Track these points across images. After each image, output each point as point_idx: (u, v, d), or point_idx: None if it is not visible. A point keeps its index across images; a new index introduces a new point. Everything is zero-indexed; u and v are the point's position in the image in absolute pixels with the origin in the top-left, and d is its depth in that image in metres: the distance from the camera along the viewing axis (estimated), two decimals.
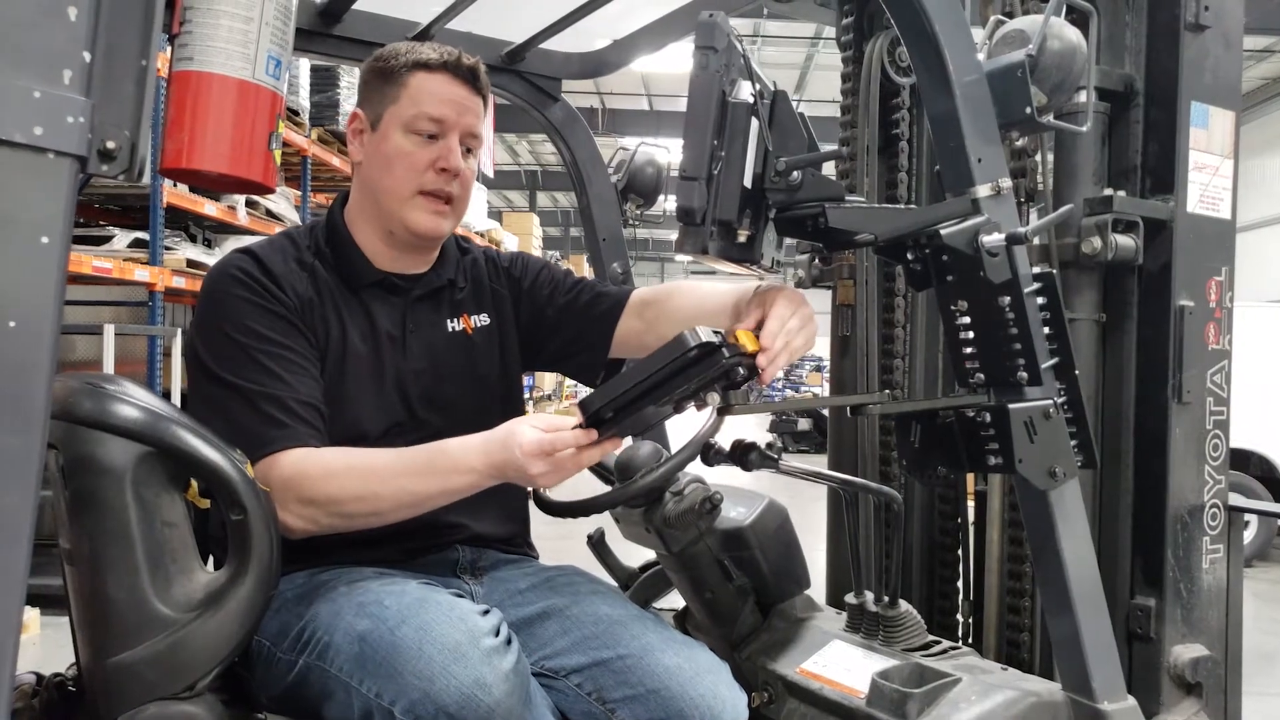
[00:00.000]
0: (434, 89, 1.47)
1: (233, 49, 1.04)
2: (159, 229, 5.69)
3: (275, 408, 1.38)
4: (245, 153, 1.11)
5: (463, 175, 1.50)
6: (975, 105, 1.36)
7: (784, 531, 1.87)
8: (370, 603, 1.30)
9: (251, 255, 1.46)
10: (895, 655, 1.66)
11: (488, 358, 1.65)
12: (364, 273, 1.54)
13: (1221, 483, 1.89)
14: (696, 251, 1.26)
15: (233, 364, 1.39)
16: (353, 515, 1.36)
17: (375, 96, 1.50)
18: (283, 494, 1.33)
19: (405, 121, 1.46)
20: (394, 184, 1.48)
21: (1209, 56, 1.82)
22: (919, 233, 1.33)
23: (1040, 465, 1.35)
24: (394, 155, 1.47)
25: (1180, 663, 1.81)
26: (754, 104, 1.25)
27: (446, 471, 1.33)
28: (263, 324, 1.41)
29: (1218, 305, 1.85)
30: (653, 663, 1.39)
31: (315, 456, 1.37)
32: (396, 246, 1.54)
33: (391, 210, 1.49)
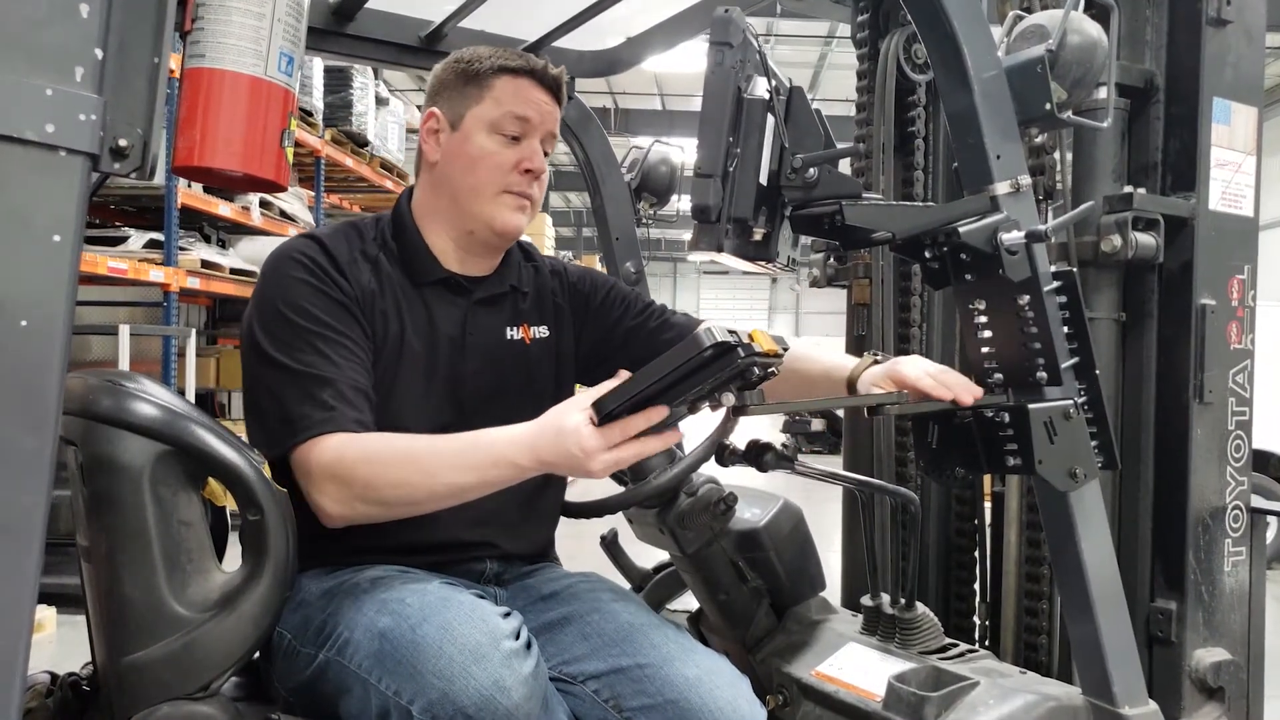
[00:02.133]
0: (519, 92, 1.47)
1: (245, 46, 1.04)
2: (174, 230, 5.71)
3: (325, 391, 1.35)
4: (258, 150, 1.10)
5: (541, 178, 1.52)
6: (994, 101, 1.34)
7: (799, 533, 1.86)
8: (392, 600, 1.29)
9: (316, 241, 1.45)
10: (912, 658, 1.64)
11: (541, 370, 1.63)
12: (429, 270, 1.52)
13: (1244, 484, 1.86)
14: (711, 249, 1.25)
15: (286, 345, 1.37)
16: (389, 503, 1.33)
17: (456, 97, 1.49)
18: (321, 478, 1.31)
19: (491, 122, 1.46)
20: (478, 183, 1.47)
21: (1231, 51, 1.80)
22: (937, 231, 1.31)
23: (1060, 467, 1.33)
24: (478, 155, 1.46)
25: (1202, 667, 1.78)
26: (770, 100, 1.23)
27: (487, 465, 1.29)
28: (320, 308, 1.39)
29: (1240, 304, 1.82)
30: (672, 673, 1.37)
31: (357, 441, 1.34)
32: (467, 246, 1.53)
33: (473, 209, 1.49)
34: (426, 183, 1.54)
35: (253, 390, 1.41)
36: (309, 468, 1.32)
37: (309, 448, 1.33)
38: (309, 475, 1.33)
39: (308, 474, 1.33)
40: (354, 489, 1.31)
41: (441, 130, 1.50)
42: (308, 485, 1.33)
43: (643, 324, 1.71)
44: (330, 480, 1.31)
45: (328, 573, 1.43)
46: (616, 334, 1.70)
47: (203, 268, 6.02)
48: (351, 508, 1.32)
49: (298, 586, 1.42)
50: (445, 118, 1.50)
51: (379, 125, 8.56)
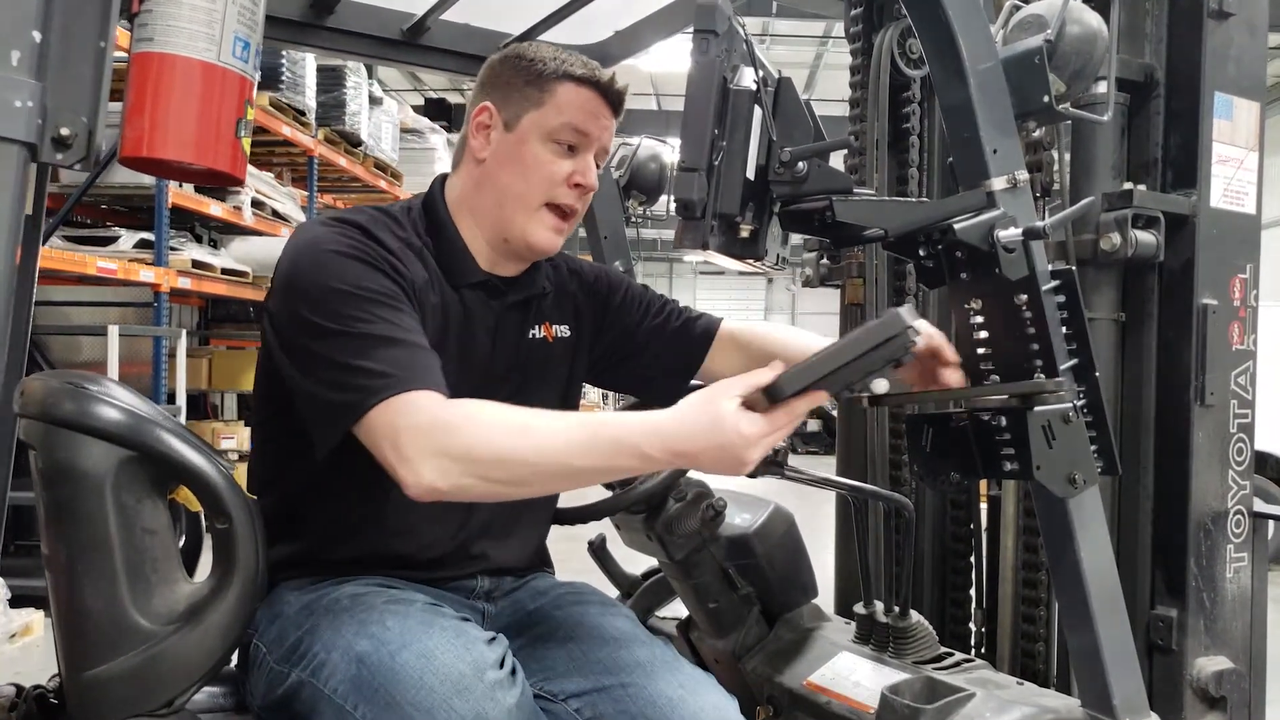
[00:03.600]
0: (582, 104, 1.40)
1: (197, 29, 0.98)
2: (164, 229, 5.66)
3: (401, 350, 1.22)
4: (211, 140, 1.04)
5: (590, 193, 1.46)
6: (991, 94, 1.30)
7: (790, 538, 1.82)
8: (372, 621, 1.23)
9: (355, 226, 1.33)
10: (906, 668, 1.60)
11: (559, 369, 1.57)
12: (469, 271, 1.44)
13: (1246, 488, 1.82)
14: (696, 247, 1.20)
15: (347, 316, 1.23)
16: (491, 478, 1.17)
17: (514, 96, 1.41)
18: (412, 440, 1.15)
19: (550, 130, 1.39)
20: (525, 191, 1.40)
21: (1233, 45, 1.76)
22: (931, 228, 1.27)
23: (1059, 472, 1.29)
24: (531, 163, 1.40)
25: (1203, 676, 1.74)
26: (757, 91, 1.19)
27: (611, 451, 1.15)
28: (378, 283, 1.28)
29: (1242, 304, 1.78)
30: (655, 691, 1.32)
31: (458, 404, 1.19)
32: (500, 251, 1.47)
33: (513, 217, 1.41)
34: (469, 177, 1.45)
35: (306, 374, 1.25)
36: (395, 429, 1.16)
37: (394, 406, 1.17)
38: (395, 438, 1.16)
39: (394, 437, 1.16)
40: (453, 456, 1.15)
41: (494, 127, 1.42)
42: (393, 451, 1.16)
43: (665, 323, 1.66)
44: (424, 443, 1.15)
45: (310, 584, 1.38)
46: (639, 335, 1.65)
47: (194, 268, 5.97)
48: (447, 478, 1.15)
49: (278, 597, 1.37)
50: (500, 115, 1.42)
51: (373, 125, 8.51)
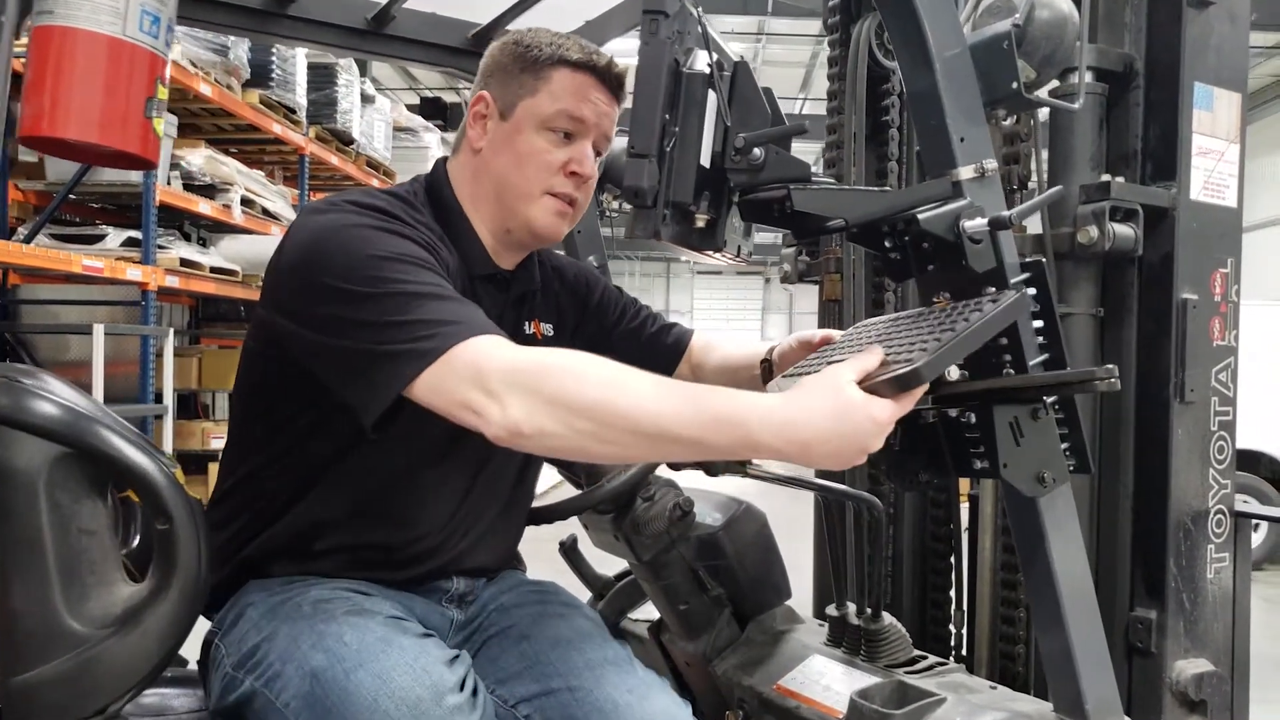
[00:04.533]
0: (578, 89, 1.36)
1: (100, 2, 0.94)
2: (151, 227, 5.62)
3: (461, 305, 1.16)
4: (118, 120, 1.00)
5: (589, 182, 1.41)
6: (958, 81, 1.26)
7: (762, 538, 1.78)
8: (330, 635, 1.20)
9: (373, 209, 1.25)
10: (878, 672, 1.56)
11: None
12: (483, 263, 1.41)
13: (1227, 487, 1.79)
14: (648, 236, 1.16)
15: (393, 279, 1.15)
16: (579, 430, 1.06)
17: (510, 83, 1.38)
18: (501, 378, 1.07)
19: (544, 118, 1.35)
20: (522, 181, 1.37)
21: (1213, 34, 1.72)
22: (896, 218, 1.23)
23: (1027, 470, 1.25)
24: (526, 152, 1.36)
25: (1183, 679, 1.70)
26: (711, 75, 1.15)
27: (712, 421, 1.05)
28: (416, 251, 1.21)
29: (1223, 299, 1.75)
30: (601, 696, 1.30)
31: (543, 350, 1.14)
32: (504, 241, 1.43)
33: (514, 207, 1.38)
34: (469, 167, 1.42)
35: (345, 337, 1.16)
36: (480, 368, 1.08)
37: (473, 346, 1.09)
38: (480, 376, 1.07)
39: (478, 375, 1.07)
40: (545, 396, 1.06)
41: (490, 116, 1.39)
42: (477, 389, 1.08)
43: (640, 329, 1.64)
44: (514, 380, 1.07)
45: (280, 584, 1.34)
46: (613, 337, 1.62)
47: (182, 266, 5.93)
48: (533, 418, 1.06)
49: (244, 595, 1.33)
50: (496, 104, 1.39)
51: (365, 123, 8.48)
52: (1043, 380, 1.20)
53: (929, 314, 1.27)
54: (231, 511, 1.38)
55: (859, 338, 1.33)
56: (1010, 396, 1.21)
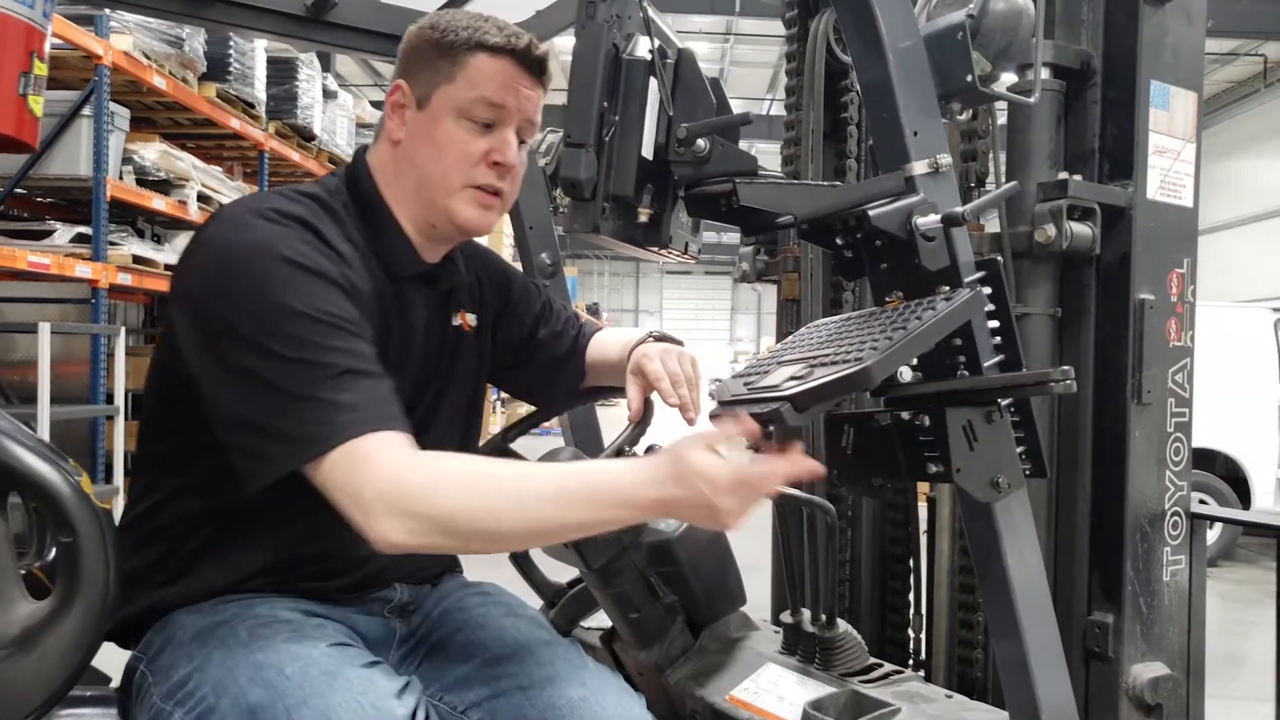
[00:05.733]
0: (496, 74, 1.28)
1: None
2: (102, 224, 5.47)
3: (366, 385, 1.11)
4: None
5: (515, 171, 1.34)
6: (911, 73, 1.22)
7: (717, 544, 1.73)
8: (269, 666, 1.12)
9: (300, 223, 1.20)
10: (832, 681, 1.53)
11: (469, 360, 1.48)
12: (410, 264, 1.34)
13: (1184, 489, 1.77)
14: (587, 230, 1.11)
15: (310, 343, 1.11)
16: (465, 535, 1.09)
17: (426, 71, 1.30)
18: (376, 497, 1.07)
19: (461, 106, 1.28)
20: (442, 174, 1.30)
21: (1169, 33, 1.71)
22: (847, 214, 1.19)
23: (981, 475, 1.21)
24: (444, 142, 1.29)
25: (1139, 683, 1.69)
26: (652, 62, 1.10)
27: (612, 504, 1.08)
28: (340, 308, 1.16)
29: (1179, 299, 1.73)
30: (555, 694, 1.26)
31: (421, 457, 1.10)
32: (429, 235, 1.36)
33: (436, 201, 1.31)
34: (389, 159, 1.35)
35: (244, 399, 1.12)
36: (357, 482, 1.07)
37: (355, 452, 1.08)
38: (357, 492, 1.07)
39: (355, 490, 1.08)
40: (420, 516, 1.07)
41: (407, 106, 1.32)
42: (354, 504, 1.08)
43: (564, 333, 1.60)
44: (390, 500, 1.07)
45: (211, 606, 1.25)
46: (536, 339, 1.58)
47: (135, 263, 5.78)
48: (414, 536, 1.07)
49: (172, 618, 1.24)
50: (412, 92, 1.31)
51: (327, 119, 8.35)
52: (997, 382, 1.17)
53: (881, 314, 1.23)
54: (152, 531, 1.29)
55: (810, 338, 1.29)
56: (963, 399, 1.17)
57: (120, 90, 5.75)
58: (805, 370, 1.14)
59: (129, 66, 5.47)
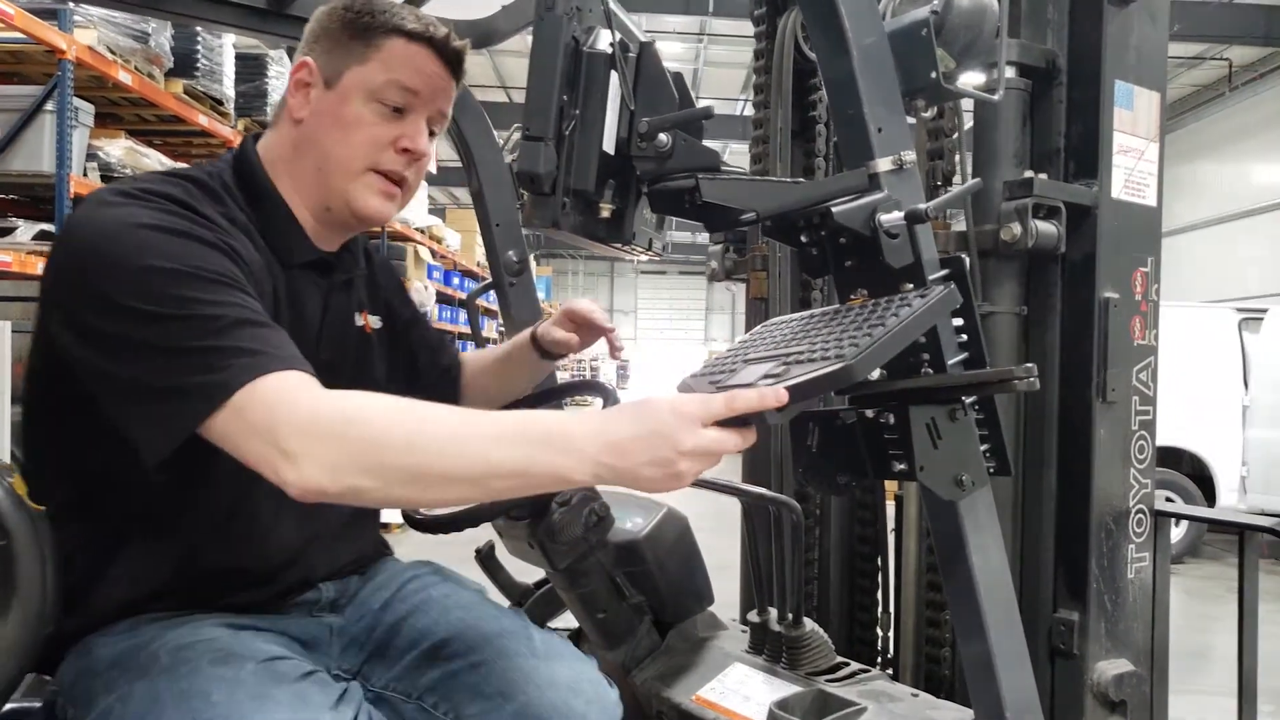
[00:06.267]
0: (411, 60, 1.26)
1: None
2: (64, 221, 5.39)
3: (263, 330, 1.04)
4: None
5: (421, 161, 1.31)
6: (875, 68, 1.22)
7: (683, 544, 1.72)
8: (195, 694, 1.06)
9: (167, 198, 1.12)
10: (798, 680, 1.52)
11: (382, 363, 1.44)
12: (300, 249, 1.29)
13: (1148, 486, 1.78)
14: (546, 226, 1.09)
15: (190, 298, 1.03)
16: (390, 477, 0.97)
17: (337, 50, 1.27)
18: (295, 432, 0.96)
19: (374, 88, 1.25)
20: (346, 155, 1.26)
21: (1133, 33, 1.71)
22: (811, 211, 1.18)
23: (945, 473, 1.21)
24: (352, 123, 1.25)
25: (1104, 680, 1.69)
26: (613, 55, 1.08)
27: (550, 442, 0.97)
28: (219, 264, 1.08)
29: (1143, 298, 1.74)
30: (508, 666, 1.26)
31: (338, 392, 1.02)
32: (324, 221, 1.32)
33: (336, 184, 1.26)
34: (288, 139, 1.30)
35: (130, 363, 1.03)
36: (272, 419, 0.96)
37: (265, 388, 0.98)
38: (272, 429, 0.96)
39: (270, 427, 0.97)
40: (349, 445, 0.96)
41: (314, 85, 1.28)
42: (268, 445, 0.97)
43: (441, 348, 1.59)
44: (311, 433, 0.96)
45: (128, 628, 1.17)
46: (414, 351, 1.55)
47: None
48: (338, 477, 0.96)
49: (87, 645, 1.16)
50: (320, 71, 1.27)
51: None
52: (960, 380, 1.16)
53: (845, 312, 1.22)
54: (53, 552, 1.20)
55: (771, 336, 1.28)
56: (927, 397, 1.17)
57: (84, 85, 5.66)
58: (781, 368, 1.13)
59: (93, 61, 5.37)
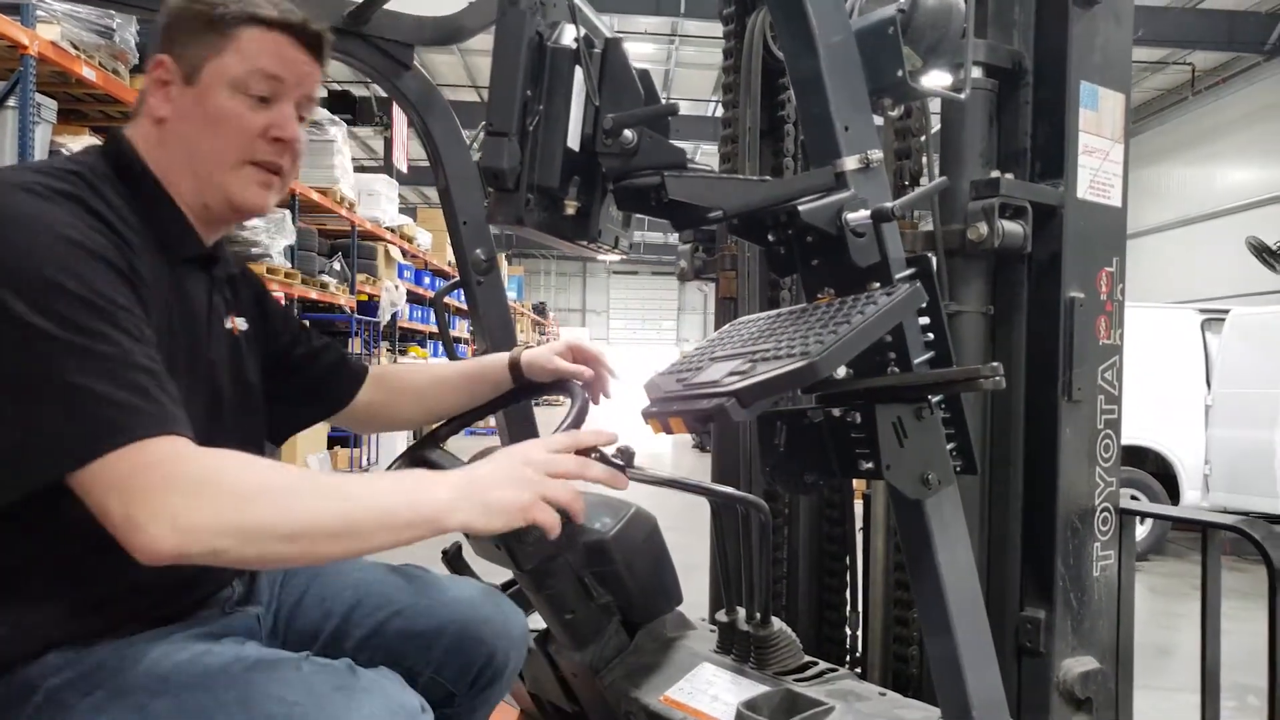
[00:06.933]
0: (271, 48, 1.24)
1: None
2: None
3: (149, 380, 1.00)
4: None
5: (295, 147, 1.29)
6: (842, 67, 1.21)
7: (652, 543, 1.71)
8: (261, 698, 1.06)
9: (74, 200, 1.09)
10: (767, 680, 1.52)
11: (253, 367, 1.41)
12: (188, 243, 1.26)
13: (1113, 485, 1.80)
14: (510, 222, 1.08)
15: (86, 329, 0.99)
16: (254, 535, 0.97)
17: (192, 44, 1.24)
18: (155, 498, 0.94)
19: (234, 79, 1.23)
20: (217, 150, 1.24)
21: (1099, 35, 1.73)
22: (778, 210, 1.17)
23: (911, 472, 1.21)
24: (218, 117, 1.23)
25: (1070, 678, 1.70)
26: (578, 51, 1.07)
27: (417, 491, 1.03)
28: (121, 295, 1.05)
29: (1108, 298, 1.75)
30: (432, 602, 1.39)
31: (208, 455, 1.00)
32: (204, 217, 1.29)
33: (211, 179, 1.25)
34: (153, 138, 1.26)
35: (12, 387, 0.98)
36: (131, 485, 0.95)
37: (133, 455, 0.96)
38: (128, 496, 0.95)
39: (127, 494, 0.95)
40: (217, 511, 0.95)
41: (173, 82, 1.24)
42: (123, 511, 0.95)
43: (319, 352, 1.56)
44: (181, 495, 0.95)
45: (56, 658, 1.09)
46: (296, 353, 1.52)
47: None
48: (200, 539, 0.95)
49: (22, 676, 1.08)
50: (179, 67, 1.24)
51: None
52: (927, 378, 1.16)
53: (814, 310, 1.22)
54: None
55: (738, 334, 1.27)
56: (893, 395, 1.17)
57: (48, 81, 5.56)
58: (746, 365, 1.13)
59: (56, 57, 5.28)
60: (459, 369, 1.67)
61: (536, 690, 1.90)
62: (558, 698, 1.83)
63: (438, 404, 1.66)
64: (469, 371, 1.65)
